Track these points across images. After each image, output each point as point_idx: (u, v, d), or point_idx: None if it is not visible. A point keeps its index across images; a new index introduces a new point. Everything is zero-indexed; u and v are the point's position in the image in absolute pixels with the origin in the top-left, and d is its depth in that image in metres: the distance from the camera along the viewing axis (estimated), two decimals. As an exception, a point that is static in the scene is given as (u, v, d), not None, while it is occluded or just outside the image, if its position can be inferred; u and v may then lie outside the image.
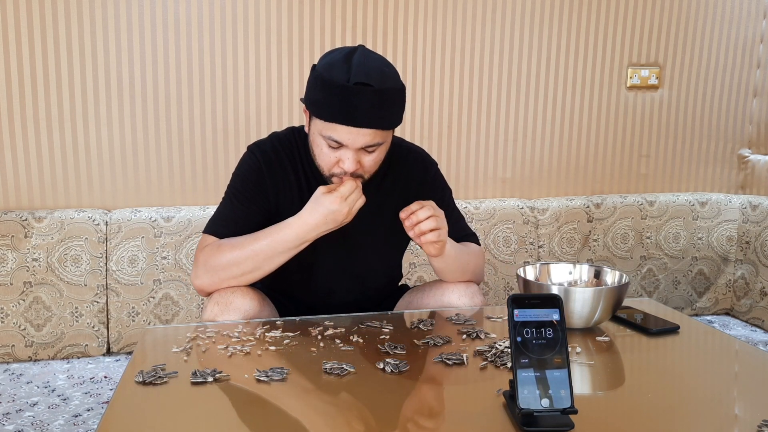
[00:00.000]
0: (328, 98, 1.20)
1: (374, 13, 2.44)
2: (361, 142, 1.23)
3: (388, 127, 1.26)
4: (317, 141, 1.27)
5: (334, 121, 1.21)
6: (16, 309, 2.16)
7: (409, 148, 1.48)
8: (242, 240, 1.30)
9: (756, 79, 2.86)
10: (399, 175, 1.44)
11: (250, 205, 1.36)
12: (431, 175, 1.48)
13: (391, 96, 1.23)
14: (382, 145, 1.28)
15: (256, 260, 1.28)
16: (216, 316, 1.28)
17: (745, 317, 2.74)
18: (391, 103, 1.24)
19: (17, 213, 2.18)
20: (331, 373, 1.03)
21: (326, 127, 1.23)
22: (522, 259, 2.58)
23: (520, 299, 0.88)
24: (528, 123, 2.67)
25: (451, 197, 1.51)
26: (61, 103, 2.24)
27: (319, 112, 1.23)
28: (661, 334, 1.25)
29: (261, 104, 2.39)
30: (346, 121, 1.20)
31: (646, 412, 0.92)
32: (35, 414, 1.82)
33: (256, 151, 1.39)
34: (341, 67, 1.21)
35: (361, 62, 1.21)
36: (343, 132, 1.22)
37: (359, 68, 1.20)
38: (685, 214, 2.77)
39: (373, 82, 1.19)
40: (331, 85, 1.20)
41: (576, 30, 2.65)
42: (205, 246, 1.33)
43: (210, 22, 2.30)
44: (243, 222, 1.35)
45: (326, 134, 1.24)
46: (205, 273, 1.31)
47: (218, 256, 1.29)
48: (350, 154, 1.24)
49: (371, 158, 1.28)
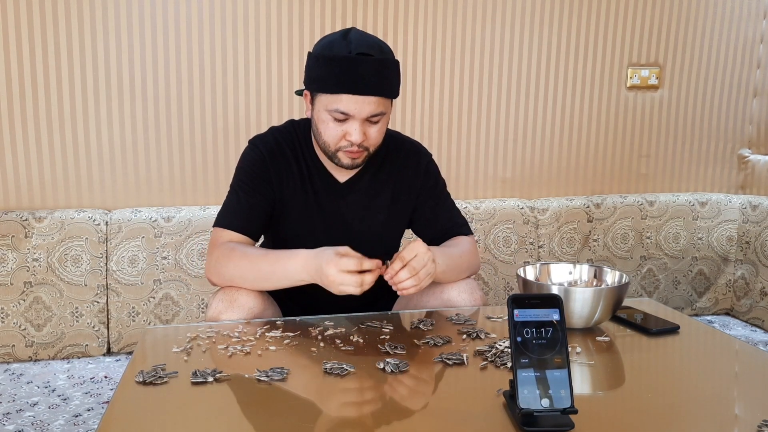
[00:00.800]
0: (332, 71, 1.26)
1: (374, 13, 2.44)
2: (366, 111, 1.28)
3: (390, 95, 1.32)
4: (322, 117, 1.31)
5: (341, 92, 1.26)
6: (16, 309, 2.16)
7: (404, 140, 1.53)
8: (252, 254, 1.32)
9: (756, 79, 2.86)
10: (394, 165, 1.47)
11: (257, 195, 1.40)
12: (425, 164, 1.51)
13: (390, 65, 1.30)
14: (384, 116, 1.33)
15: (258, 279, 1.31)
16: (221, 313, 1.30)
17: (745, 317, 2.74)
18: (391, 72, 1.30)
19: (17, 213, 2.19)
20: (331, 373, 1.03)
21: (332, 100, 1.28)
22: (522, 259, 2.58)
23: (520, 299, 0.88)
24: (528, 123, 2.67)
25: (445, 187, 1.55)
26: (61, 103, 2.24)
27: (323, 86, 1.28)
28: (661, 334, 1.25)
29: (261, 104, 2.39)
30: (352, 90, 1.25)
31: (646, 412, 0.92)
32: (35, 414, 1.82)
33: (258, 143, 1.43)
34: (341, 42, 1.27)
35: (358, 37, 1.29)
36: (349, 102, 1.27)
37: (358, 41, 1.27)
38: (685, 214, 2.77)
39: (374, 53, 1.27)
40: (334, 59, 1.26)
41: (576, 30, 2.65)
42: (220, 244, 1.35)
43: (210, 22, 2.30)
44: (251, 212, 1.39)
45: (332, 107, 1.28)
46: (215, 272, 1.34)
47: (228, 262, 1.32)
48: (356, 125, 1.29)
49: (376, 129, 1.32)
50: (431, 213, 1.51)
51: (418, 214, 1.51)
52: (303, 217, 1.44)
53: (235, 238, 1.37)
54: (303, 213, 1.43)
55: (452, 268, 1.39)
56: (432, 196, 1.51)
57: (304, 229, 1.44)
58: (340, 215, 1.44)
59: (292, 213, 1.43)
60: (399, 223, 1.51)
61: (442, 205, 1.52)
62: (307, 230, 1.44)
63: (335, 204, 1.44)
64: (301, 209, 1.43)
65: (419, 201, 1.50)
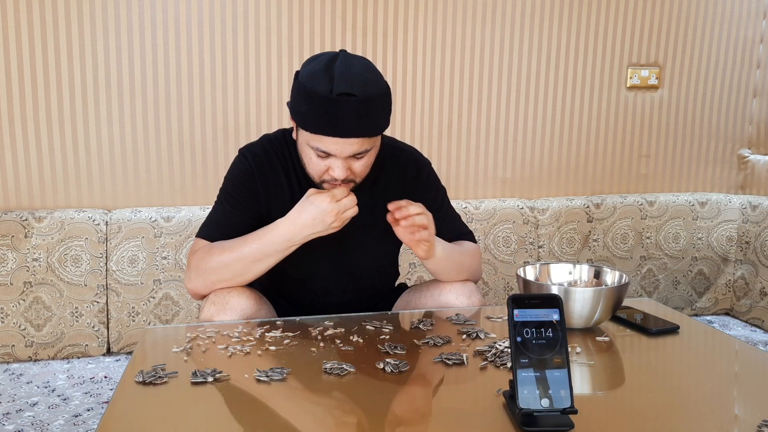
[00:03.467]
0: (313, 110, 1.19)
1: (374, 13, 2.44)
2: (348, 151, 1.23)
3: (374, 134, 1.25)
4: (305, 150, 1.28)
5: (320, 133, 1.21)
6: (16, 309, 2.16)
7: (401, 149, 1.48)
8: (232, 243, 1.30)
9: (756, 79, 2.86)
10: (392, 175, 1.43)
11: (242, 208, 1.36)
12: (424, 174, 1.47)
13: (375, 103, 1.22)
14: (370, 151, 1.28)
15: (245, 262, 1.28)
16: (213, 316, 1.28)
17: (745, 317, 2.74)
18: (375, 110, 1.23)
19: (17, 213, 2.19)
20: (331, 373, 1.03)
21: (313, 138, 1.23)
22: (522, 259, 2.58)
23: (520, 299, 0.88)
24: (528, 123, 2.67)
25: (446, 196, 1.51)
26: (61, 103, 2.24)
27: (304, 124, 1.23)
28: (661, 334, 1.25)
29: (261, 104, 2.39)
30: (331, 133, 1.20)
31: (646, 412, 0.92)
32: (35, 414, 1.82)
33: (246, 154, 1.40)
34: (323, 77, 1.19)
35: (342, 71, 1.19)
36: (329, 143, 1.21)
37: (341, 78, 1.18)
38: (685, 214, 2.77)
39: (356, 91, 1.18)
40: (314, 97, 1.18)
41: (576, 30, 2.65)
42: (197, 249, 1.33)
43: (210, 22, 2.30)
44: (235, 225, 1.35)
45: (313, 145, 1.24)
46: (197, 276, 1.31)
47: (208, 260, 1.29)
48: (339, 163, 1.24)
49: (361, 164, 1.27)
50: None
51: None
52: None
53: None
54: None
55: (451, 259, 1.37)
56: (433, 209, 1.40)
57: None
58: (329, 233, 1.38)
59: None
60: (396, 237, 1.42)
61: (443, 216, 1.46)
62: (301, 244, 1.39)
63: None
64: None
65: None
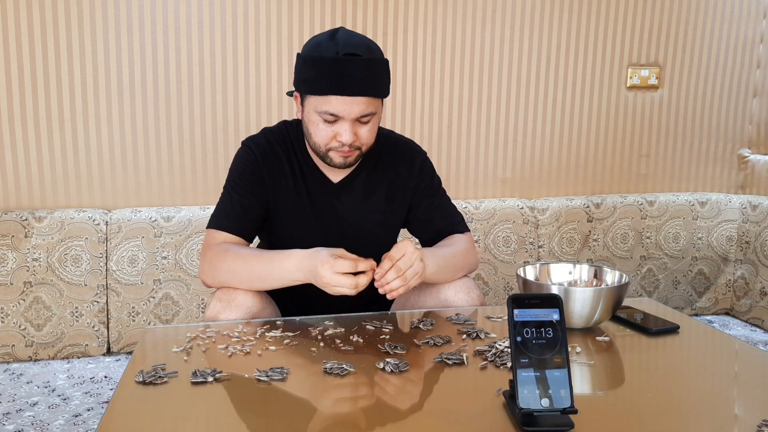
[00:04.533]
0: (320, 73, 1.25)
1: (374, 13, 2.44)
2: (356, 112, 1.27)
3: (380, 94, 1.31)
4: (312, 118, 1.31)
5: (329, 93, 1.25)
6: (16, 309, 2.16)
7: (398, 139, 1.52)
8: (247, 253, 1.32)
9: (756, 79, 2.86)
10: (389, 164, 1.47)
11: (250, 196, 1.40)
12: (419, 163, 1.50)
13: (379, 65, 1.29)
14: (375, 116, 1.32)
15: (251, 278, 1.31)
16: (219, 313, 1.30)
17: (745, 317, 2.74)
18: (379, 71, 1.30)
19: (17, 213, 2.19)
20: (331, 373, 1.03)
21: (321, 101, 1.27)
22: (522, 259, 2.58)
23: (520, 299, 0.88)
24: (528, 123, 2.67)
25: (440, 185, 1.54)
26: (61, 103, 2.24)
27: (312, 88, 1.28)
28: (661, 334, 1.25)
29: (261, 104, 2.39)
30: (339, 91, 1.25)
31: (646, 412, 0.92)
32: (35, 414, 1.82)
33: (250, 144, 1.43)
34: (328, 43, 1.27)
35: (346, 37, 1.28)
36: (338, 103, 1.26)
37: (346, 42, 1.26)
38: (685, 214, 2.77)
39: (361, 53, 1.26)
40: (322, 60, 1.25)
41: (576, 30, 2.65)
42: (214, 245, 1.35)
43: (210, 22, 2.30)
44: (245, 213, 1.39)
45: (321, 109, 1.28)
46: (210, 272, 1.34)
47: (222, 261, 1.31)
48: (347, 126, 1.28)
49: (366, 129, 1.32)
50: (427, 212, 1.50)
51: (413, 213, 1.51)
52: (297, 217, 1.43)
53: (229, 239, 1.37)
54: (297, 214, 1.43)
55: (444, 268, 1.39)
56: (427, 195, 1.50)
57: (298, 229, 1.44)
58: (334, 215, 1.44)
59: (285, 214, 1.43)
60: (394, 222, 1.51)
61: (437, 203, 1.51)
62: (302, 231, 1.44)
63: (329, 204, 1.43)
64: (294, 210, 1.43)
65: (414, 200, 1.50)
